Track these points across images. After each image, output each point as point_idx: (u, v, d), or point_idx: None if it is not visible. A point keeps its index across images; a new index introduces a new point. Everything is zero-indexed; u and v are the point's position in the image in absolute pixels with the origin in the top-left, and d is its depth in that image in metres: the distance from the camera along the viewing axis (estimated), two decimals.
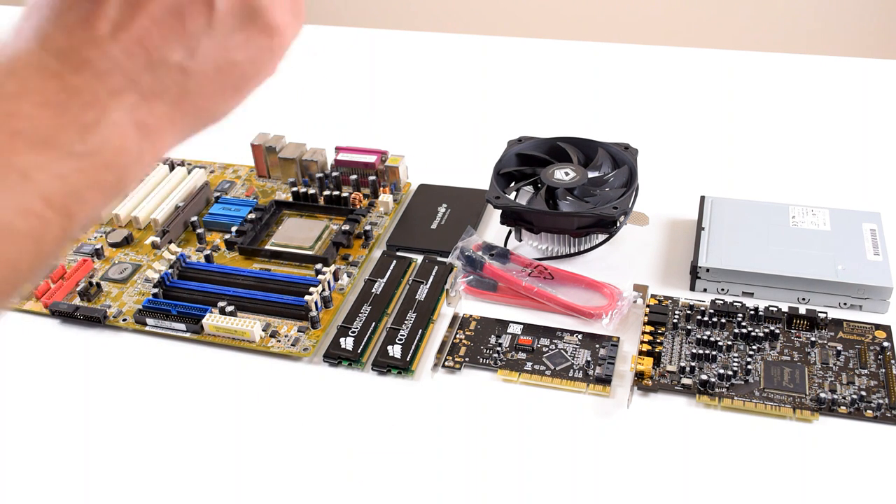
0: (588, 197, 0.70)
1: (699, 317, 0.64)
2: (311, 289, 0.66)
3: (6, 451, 0.58)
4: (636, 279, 0.68)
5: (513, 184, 0.73)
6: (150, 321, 0.66)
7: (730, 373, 0.59)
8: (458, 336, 0.64)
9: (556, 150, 0.75)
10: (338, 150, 0.81)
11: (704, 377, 0.58)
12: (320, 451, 0.56)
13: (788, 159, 0.85)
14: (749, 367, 0.60)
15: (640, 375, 0.59)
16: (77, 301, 0.69)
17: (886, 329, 0.62)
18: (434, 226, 0.76)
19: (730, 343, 0.62)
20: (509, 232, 0.74)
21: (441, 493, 0.53)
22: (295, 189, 0.78)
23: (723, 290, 0.67)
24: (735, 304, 0.64)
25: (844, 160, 0.84)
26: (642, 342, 0.61)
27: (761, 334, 0.62)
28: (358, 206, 0.77)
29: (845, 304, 0.65)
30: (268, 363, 0.63)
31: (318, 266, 0.69)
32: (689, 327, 0.63)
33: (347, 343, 0.63)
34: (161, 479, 0.55)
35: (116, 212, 0.77)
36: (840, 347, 0.61)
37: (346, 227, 0.73)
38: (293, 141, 0.83)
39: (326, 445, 0.57)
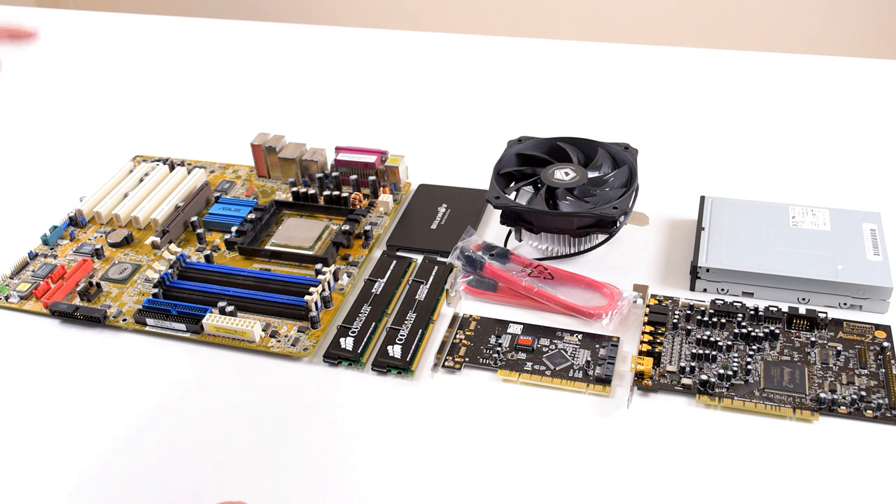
0: (588, 197, 0.70)
1: (699, 317, 0.64)
2: (311, 289, 0.66)
3: (6, 451, 0.58)
4: (636, 279, 0.69)
5: (513, 184, 0.73)
6: (150, 321, 0.66)
7: (730, 373, 0.59)
8: (458, 336, 0.64)
9: (556, 150, 0.75)
10: (338, 150, 0.81)
11: (704, 377, 0.58)
12: (320, 451, 0.56)
13: (788, 159, 0.85)
14: (749, 367, 0.60)
15: (640, 375, 0.59)
16: (77, 301, 0.69)
17: (886, 329, 0.62)
18: (434, 226, 0.76)
19: (730, 343, 0.62)
20: (509, 232, 0.74)
21: (441, 492, 0.53)
22: (295, 189, 0.78)
23: (723, 290, 0.67)
24: (735, 304, 0.64)
25: (844, 160, 0.84)
26: (642, 342, 0.61)
27: (761, 334, 0.62)
28: (358, 206, 0.77)
29: (845, 304, 0.65)
30: (268, 363, 0.63)
31: (318, 266, 0.69)
32: (689, 327, 0.63)
33: (347, 343, 0.63)
34: (161, 478, 0.55)
35: (116, 212, 0.77)
36: (840, 347, 0.61)
37: (346, 227, 0.73)
38: (293, 141, 0.83)
39: (327, 445, 0.57)
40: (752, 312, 0.63)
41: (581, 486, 0.53)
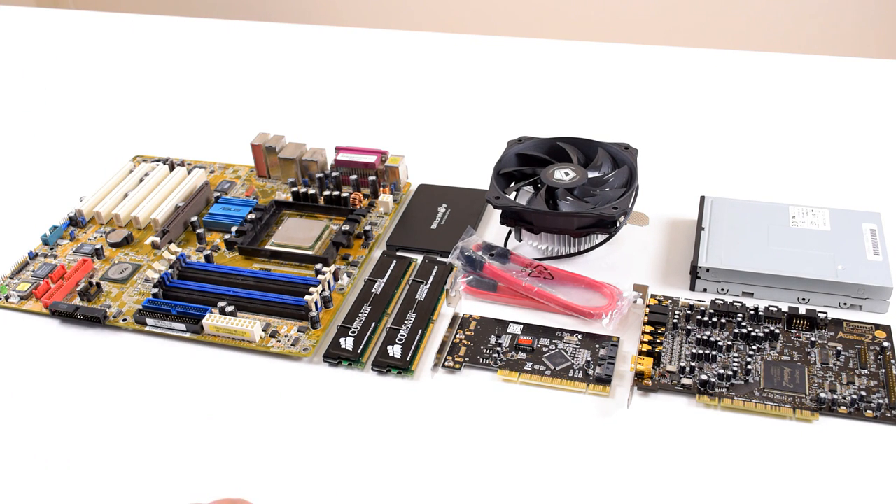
0: (588, 197, 0.70)
1: (699, 317, 0.64)
2: (311, 289, 0.66)
3: (6, 451, 0.58)
4: (636, 279, 0.69)
5: (513, 184, 0.73)
6: (150, 321, 0.66)
7: (730, 373, 0.59)
8: (458, 336, 0.64)
9: (556, 150, 0.75)
10: (338, 150, 0.81)
11: (704, 377, 0.58)
12: (320, 451, 0.56)
13: (788, 159, 0.85)
14: (749, 367, 0.60)
15: (640, 375, 0.59)
16: (77, 301, 0.69)
17: (886, 329, 0.62)
18: (434, 226, 0.76)
19: (730, 343, 0.62)
20: (509, 232, 0.74)
21: (441, 492, 0.53)
22: (295, 189, 0.78)
23: (723, 290, 0.67)
24: (735, 304, 0.64)
25: (844, 160, 0.84)
26: (642, 342, 0.61)
27: (761, 334, 0.62)
28: (358, 206, 0.77)
29: (845, 304, 0.65)
30: (268, 363, 0.63)
31: (318, 266, 0.69)
32: (689, 327, 0.63)
33: (347, 343, 0.63)
34: (161, 478, 0.55)
35: (116, 212, 0.77)
36: (840, 347, 0.61)
37: (346, 227, 0.73)
38: (293, 141, 0.83)
39: (326, 445, 0.57)
40: (752, 312, 0.63)
41: (581, 487, 0.53)
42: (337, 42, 1.14)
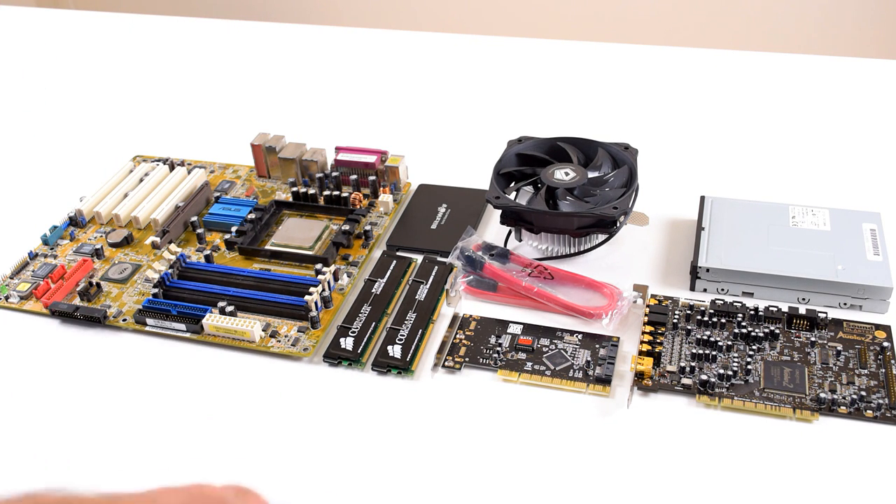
0: (588, 197, 0.70)
1: (699, 317, 0.64)
2: (311, 289, 0.66)
3: (6, 451, 0.58)
4: (636, 279, 0.69)
5: (513, 184, 0.73)
6: (150, 321, 0.66)
7: (730, 373, 0.59)
8: (458, 336, 0.64)
9: (556, 150, 0.75)
10: (338, 150, 0.81)
11: (704, 377, 0.58)
12: (320, 451, 0.56)
13: (788, 159, 0.85)
14: (749, 367, 0.60)
15: (640, 375, 0.59)
16: (77, 301, 0.69)
17: (886, 329, 0.62)
18: (434, 226, 0.76)
19: (730, 343, 0.62)
20: (509, 232, 0.74)
21: (441, 492, 0.53)
22: (295, 189, 0.78)
23: (723, 290, 0.67)
24: (735, 304, 0.64)
25: (844, 160, 0.84)
26: (642, 342, 0.61)
27: (761, 334, 0.62)
28: (358, 206, 0.77)
29: (845, 304, 0.65)
30: (268, 363, 0.63)
31: (318, 266, 0.69)
32: (689, 327, 0.63)
33: (347, 343, 0.63)
34: (161, 478, 0.55)
35: (116, 212, 0.77)
36: (840, 347, 0.61)
37: (346, 227, 0.73)
38: (293, 141, 0.83)
39: (327, 445, 0.57)
40: (752, 312, 0.63)
41: (581, 487, 0.53)
42: (337, 42, 1.14)
